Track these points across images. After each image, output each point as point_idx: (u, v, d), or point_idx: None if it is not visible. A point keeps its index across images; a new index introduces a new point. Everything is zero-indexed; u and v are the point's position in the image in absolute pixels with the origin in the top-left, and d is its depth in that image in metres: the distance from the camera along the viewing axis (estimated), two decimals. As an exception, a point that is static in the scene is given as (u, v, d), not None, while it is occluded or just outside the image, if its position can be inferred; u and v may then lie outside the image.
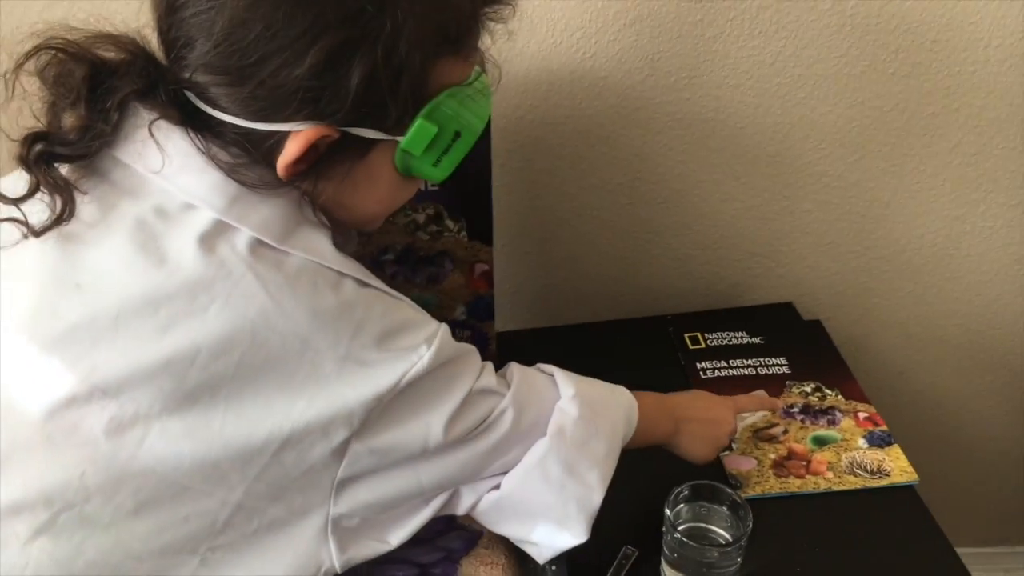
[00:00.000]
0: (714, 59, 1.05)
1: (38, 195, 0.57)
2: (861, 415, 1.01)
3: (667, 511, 0.81)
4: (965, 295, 1.24)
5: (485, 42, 0.66)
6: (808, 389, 1.05)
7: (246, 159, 0.59)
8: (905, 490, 0.93)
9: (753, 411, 1.00)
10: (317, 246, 0.60)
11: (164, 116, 0.58)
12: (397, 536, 0.66)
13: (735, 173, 1.13)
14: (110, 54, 0.59)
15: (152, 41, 0.61)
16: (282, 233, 0.59)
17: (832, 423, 1.00)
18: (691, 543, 0.78)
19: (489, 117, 0.88)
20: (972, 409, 1.35)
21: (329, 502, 0.60)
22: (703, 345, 1.13)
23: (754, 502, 0.85)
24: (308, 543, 0.61)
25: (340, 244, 0.83)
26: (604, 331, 1.18)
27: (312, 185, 0.61)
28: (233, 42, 0.55)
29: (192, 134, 0.58)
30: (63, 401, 0.54)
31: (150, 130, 0.58)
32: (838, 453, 0.96)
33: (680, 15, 1.01)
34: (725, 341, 1.13)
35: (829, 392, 1.05)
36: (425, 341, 0.61)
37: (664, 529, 0.81)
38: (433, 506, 0.67)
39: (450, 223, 0.95)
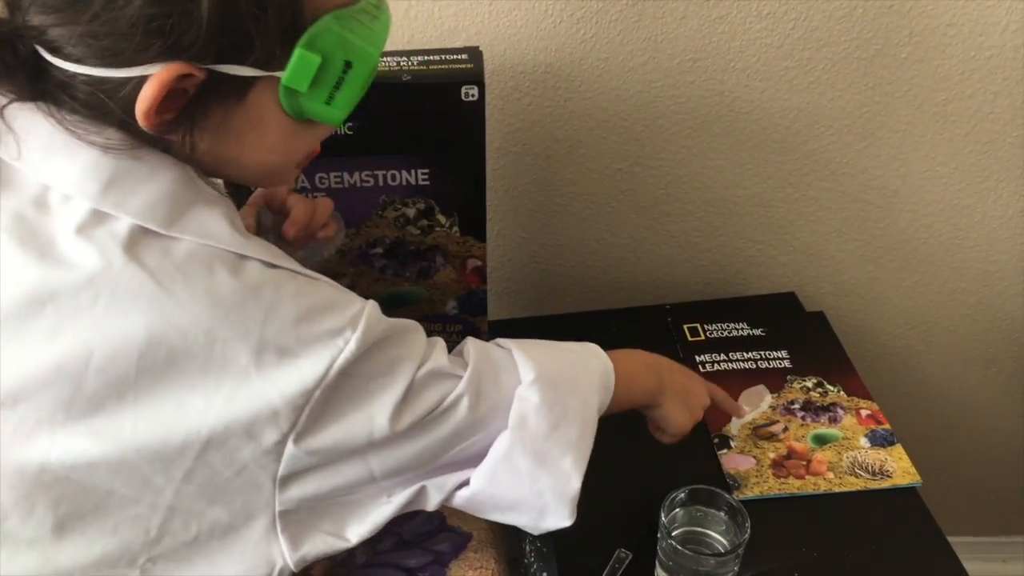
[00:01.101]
0: (719, 41, 1.00)
1: None
2: (863, 412, 0.99)
3: (662, 516, 0.78)
4: (972, 285, 1.21)
5: None
6: (809, 384, 1.03)
7: (104, 116, 0.52)
8: (907, 491, 0.91)
9: (719, 402, 0.91)
10: (211, 227, 0.54)
11: (15, 91, 0.53)
12: (356, 532, 0.61)
13: (739, 159, 1.10)
14: None
15: None
16: (168, 217, 0.53)
17: (833, 421, 0.98)
18: (685, 550, 0.76)
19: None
20: (975, 399, 1.33)
21: (274, 500, 0.56)
22: (703, 337, 1.10)
23: (750, 503, 0.83)
24: (257, 544, 0.57)
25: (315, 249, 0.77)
26: (601, 320, 1.15)
27: (187, 136, 0.54)
28: None
29: (48, 108, 0.52)
30: None
31: (2, 115, 0.52)
32: (839, 452, 0.94)
33: (685, -5, 0.97)
34: (725, 333, 1.10)
35: (831, 388, 1.02)
36: (349, 323, 0.55)
37: (659, 535, 0.79)
38: (396, 503, 0.62)
39: (442, 218, 0.92)
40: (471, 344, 0.67)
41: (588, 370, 0.71)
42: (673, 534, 0.78)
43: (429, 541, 0.82)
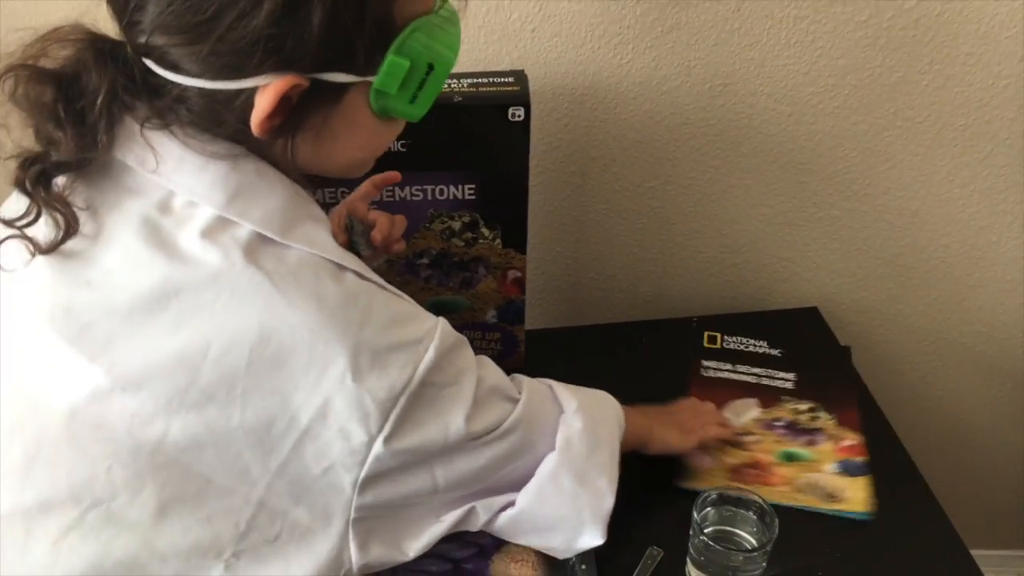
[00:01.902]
0: (749, 67, 1.06)
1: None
2: (845, 443, 1.00)
3: (695, 514, 0.83)
4: (989, 303, 1.25)
5: None
6: (802, 408, 1.04)
7: (218, 126, 0.58)
8: (928, 504, 0.94)
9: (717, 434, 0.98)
10: (318, 239, 0.60)
11: (142, 109, 0.58)
12: (412, 547, 0.67)
13: (766, 179, 1.15)
14: (65, 51, 0.58)
15: (97, 20, 0.59)
16: (283, 227, 0.59)
17: (810, 443, 1.00)
18: (717, 546, 0.80)
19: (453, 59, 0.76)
20: (991, 414, 1.37)
21: (351, 505, 0.61)
22: (718, 346, 1.14)
23: (782, 510, 0.85)
24: (330, 550, 0.62)
25: (366, 258, 0.83)
26: (631, 332, 1.20)
27: (290, 140, 0.60)
28: None
29: (171, 129, 0.58)
30: (86, 397, 0.55)
31: (141, 133, 0.58)
32: (801, 471, 0.96)
33: (717, 23, 1.02)
34: (742, 346, 1.14)
35: (824, 415, 1.03)
36: (427, 333, 0.61)
37: (691, 532, 0.83)
38: (447, 521, 0.68)
39: (485, 231, 0.97)
40: (522, 378, 0.75)
41: (609, 408, 0.81)
42: (705, 531, 0.82)
43: (474, 534, 0.86)
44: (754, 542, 0.84)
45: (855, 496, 0.93)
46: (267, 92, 0.55)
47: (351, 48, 0.57)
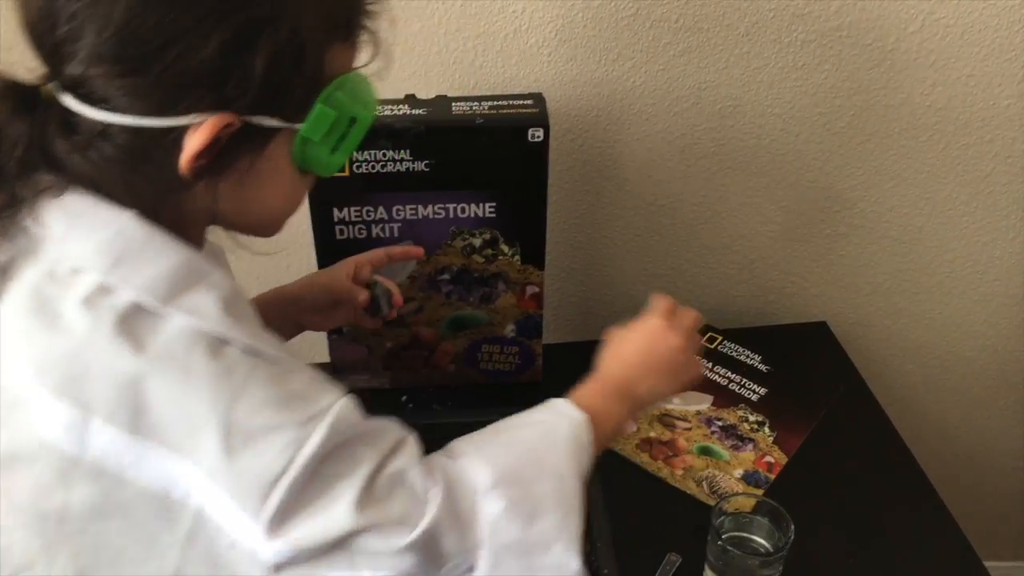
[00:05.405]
0: (758, 89, 1.09)
1: None
2: (767, 458, 1.01)
3: (713, 520, 0.86)
4: (992, 318, 1.28)
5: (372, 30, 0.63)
6: (751, 418, 1.07)
7: (142, 164, 0.55)
8: (933, 511, 0.97)
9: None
10: (202, 308, 0.56)
11: (69, 145, 0.55)
12: None
13: (775, 197, 1.18)
14: None
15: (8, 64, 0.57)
16: (167, 293, 0.55)
17: (734, 447, 1.02)
18: (735, 551, 0.83)
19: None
20: (996, 426, 1.39)
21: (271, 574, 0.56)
22: (713, 347, 1.17)
23: (793, 507, 0.87)
24: None
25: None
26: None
27: (213, 184, 0.58)
28: (134, 28, 0.51)
29: (76, 196, 0.56)
30: None
31: (34, 195, 0.56)
32: (707, 466, 1.00)
33: (727, 47, 1.06)
34: (735, 353, 1.17)
35: (767, 431, 1.05)
36: (314, 417, 0.56)
37: (709, 537, 0.86)
38: None
39: (505, 247, 1.00)
40: (439, 463, 0.64)
41: (555, 443, 0.68)
42: (722, 538, 0.85)
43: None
44: (769, 547, 0.86)
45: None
46: (201, 130, 0.54)
47: (286, 93, 0.57)
